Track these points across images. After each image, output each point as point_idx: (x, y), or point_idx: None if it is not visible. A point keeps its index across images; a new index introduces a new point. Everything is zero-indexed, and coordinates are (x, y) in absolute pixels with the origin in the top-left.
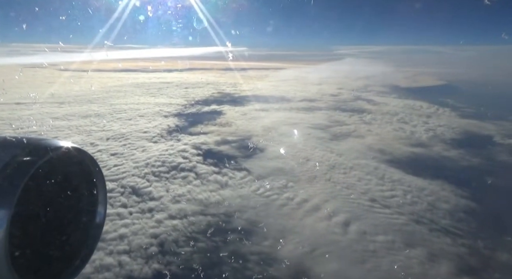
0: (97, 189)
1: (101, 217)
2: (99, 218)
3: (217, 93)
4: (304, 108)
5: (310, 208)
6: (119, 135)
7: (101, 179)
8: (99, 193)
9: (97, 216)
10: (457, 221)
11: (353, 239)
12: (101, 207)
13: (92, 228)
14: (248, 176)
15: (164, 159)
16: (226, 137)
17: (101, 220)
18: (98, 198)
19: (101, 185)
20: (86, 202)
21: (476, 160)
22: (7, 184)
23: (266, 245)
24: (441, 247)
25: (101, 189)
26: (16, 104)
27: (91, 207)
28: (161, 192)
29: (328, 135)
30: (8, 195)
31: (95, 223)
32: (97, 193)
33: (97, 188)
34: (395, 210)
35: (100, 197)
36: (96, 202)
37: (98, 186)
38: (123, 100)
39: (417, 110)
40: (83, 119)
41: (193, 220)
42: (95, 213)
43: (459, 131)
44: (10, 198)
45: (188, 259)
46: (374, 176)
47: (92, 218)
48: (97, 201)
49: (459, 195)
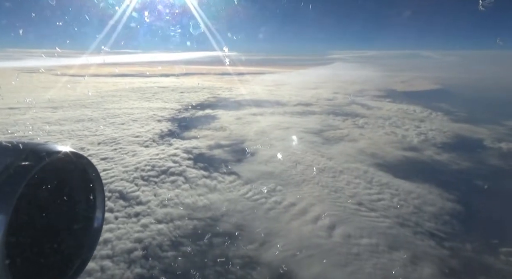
0: (95, 194)
1: (99, 222)
2: (97, 223)
3: (212, 98)
4: (296, 112)
5: (296, 211)
6: (110, 140)
7: (99, 183)
8: (97, 198)
9: (95, 221)
10: (441, 224)
11: (337, 242)
12: (99, 212)
13: (90, 233)
14: (237, 180)
15: (154, 163)
16: (218, 142)
17: (99, 225)
18: (96, 203)
19: (99, 189)
20: (84, 207)
21: (466, 163)
22: (5, 189)
23: (250, 248)
24: (424, 249)
25: (99, 194)
26: (10, 109)
27: (89, 212)
28: (149, 196)
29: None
30: (5, 201)
31: (93, 229)
32: (95, 198)
33: (95, 193)
34: (381, 213)
35: (98, 202)
36: (94, 207)
37: (96, 190)
38: (117, 105)
39: (408, 114)
40: (75, 124)
41: (179, 224)
42: (93, 218)
43: (450, 135)
44: (8, 203)
45: (171, 263)
46: (362, 180)
47: (90, 223)
48: (95, 206)
49: (445, 198)
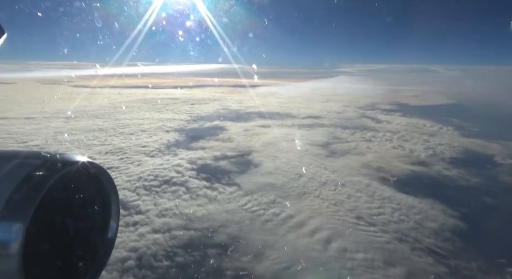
0: (110, 203)
1: (113, 232)
2: (111, 233)
3: (222, 109)
4: (305, 125)
5: (294, 224)
6: (117, 150)
7: (115, 194)
8: (112, 208)
9: (109, 230)
10: (441, 241)
11: (332, 256)
12: (114, 222)
13: (104, 243)
14: (237, 191)
15: (157, 173)
16: (223, 153)
17: (113, 235)
18: (111, 213)
19: (115, 200)
20: (99, 217)
21: (475, 179)
22: (24, 198)
23: (243, 260)
24: (421, 266)
25: (114, 203)
26: (26, 119)
27: (103, 221)
28: (149, 205)
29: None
30: (24, 209)
31: (107, 238)
32: (110, 208)
33: (110, 203)
34: (380, 227)
35: (113, 211)
36: (109, 217)
37: (112, 200)
38: (129, 115)
39: (417, 128)
40: (86, 133)
41: (175, 234)
42: (108, 228)
43: (460, 150)
44: (27, 212)
45: (163, 273)
46: (364, 193)
47: (104, 232)
48: (110, 216)
49: (448, 214)
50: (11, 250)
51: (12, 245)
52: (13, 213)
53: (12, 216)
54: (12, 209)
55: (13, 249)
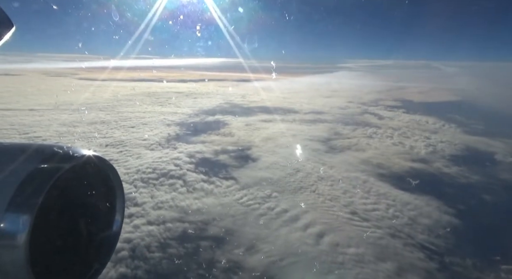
0: (115, 197)
1: (118, 226)
2: (116, 226)
3: (225, 104)
4: (307, 120)
5: (288, 218)
6: (118, 142)
7: (120, 188)
8: (117, 202)
9: (114, 224)
10: (434, 237)
11: (323, 250)
12: (119, 216)
13: (109, 236)
14: (234, 185)
15: (155, 166)
16: (223, 147)
17: (118, 229)
18: (116, 207)
19: (120, 193)
20: (104, 210)
21: (475, 176)
22: (31, 190)
23: (235, 253)
24: (412, 261)
25: (119, 198)
26: (29, 110)
27: (108, 215)
28: (145, 198)
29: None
30: (32, 201)
31: (112, 232)
32: (116, 202)
33: (115, 197)
34: (374, 223)
35: (118, 205)
36: (114, 211)
37: (117, 194)
38: (131, 108)
39: (419, 125)
40: (88, 126)
41: (169, 226)
42: (113, 222)
43: (461, 147)
44: (34, 204)
45: (156, 264)
46: (360, 189)
47: (109, 226)
48: (115, 210)
49: (443, 211)
50: (18, 241)
51: (19, 236)
52: (21, 204)
53: (20, 207)
54: (19, 201)
55: (20, 240)
